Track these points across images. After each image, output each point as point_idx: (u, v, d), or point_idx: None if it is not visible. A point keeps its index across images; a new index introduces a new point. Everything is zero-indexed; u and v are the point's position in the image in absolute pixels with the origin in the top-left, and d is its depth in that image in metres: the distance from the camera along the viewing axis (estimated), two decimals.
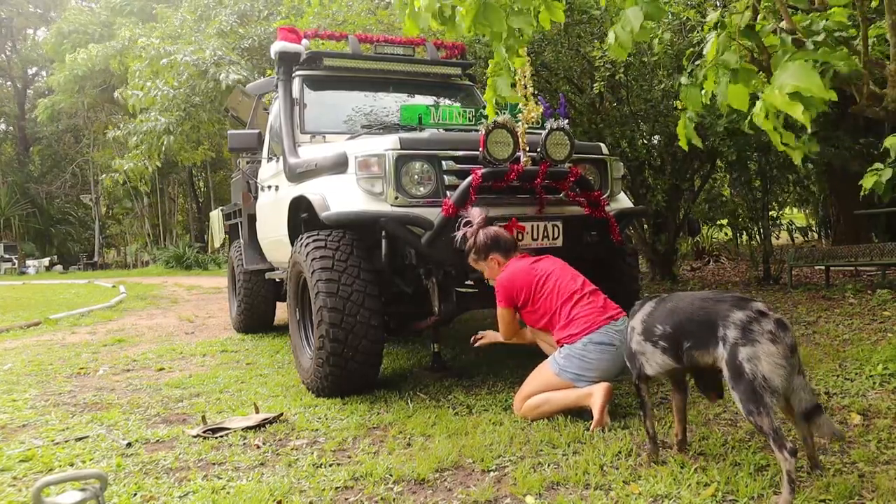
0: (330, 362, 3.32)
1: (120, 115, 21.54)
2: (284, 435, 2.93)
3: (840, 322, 4.96)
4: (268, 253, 5.45)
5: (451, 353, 4.60)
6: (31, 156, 30.16)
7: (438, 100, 5.01)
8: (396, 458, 2.55)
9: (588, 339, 2.90)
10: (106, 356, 5.23)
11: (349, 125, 4.66)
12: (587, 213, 3.59)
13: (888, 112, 2.77)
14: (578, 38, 7.01)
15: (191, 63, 11.40)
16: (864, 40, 2.70)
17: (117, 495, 2.29)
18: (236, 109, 7.76)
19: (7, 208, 26.86)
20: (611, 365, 2.90)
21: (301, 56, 4.78)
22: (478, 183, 3.25)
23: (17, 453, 2.77)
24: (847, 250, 6.96)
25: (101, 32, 22.71)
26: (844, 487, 2.06)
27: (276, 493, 2.25)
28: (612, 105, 7.87)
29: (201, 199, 27.32)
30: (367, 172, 3.43)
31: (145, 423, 3.21)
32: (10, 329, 6.99)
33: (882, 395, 3.08)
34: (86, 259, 28.16)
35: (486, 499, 2.16)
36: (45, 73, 30.70)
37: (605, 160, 3.92)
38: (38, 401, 3.77)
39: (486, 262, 3.26)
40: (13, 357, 5.25)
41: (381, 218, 3.31)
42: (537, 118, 3.44)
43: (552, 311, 3.03)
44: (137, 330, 6.86)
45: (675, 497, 2.09)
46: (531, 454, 2.52)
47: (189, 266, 20.75)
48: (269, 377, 4.18)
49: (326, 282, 3.30)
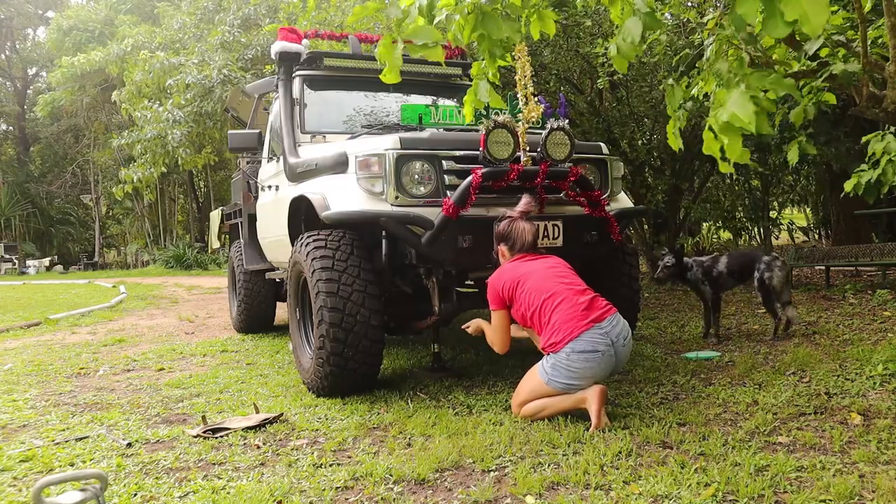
0: (330, 362, 3.31)
1: (120, 116, 21.52)
2: (284, 435, 2.93)
3: (840, 322, 4.96)
4: (268, 253, 5.45)
5: (451, 353, 4.60)
6: (32, 156, 30.16)
7: (438, 100, 5.01)
8: (396, 458, 2.55)
9: (571, 348, 2.84)
10: (106, 356, 5.23)
11: (349, 125, 4.66)
12: (587, 212, 3.59)
13: (888, 113, 2.78)
14: (577, 39, 7.01)
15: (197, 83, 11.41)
16: (863, 42, 2.70)
17: (117, 495, 2.29)
18: (236, 109, 7.77)
19: (7, 208, 26.84)
20: (599, 370, 2.86)
21: (301, 56, 4.78)
22: (478, 182, 3.25)
23: (18, 453, 2.77)
24: (847, 250, 6.96)
25: (102, 30, 22.71)
26: (845, 487, 2.06)
27: (277, 493, 2.25)
28: (612, 105, 7.87)
29: (202, 199, 27.30)
30: (368, 172, 3.43)
31: (145, 424, 3.21)
32: (11, 329, 6.99)
33: (882, 396, 3.07)
34: (86, 259, 28.14)
35: (486, 499, 2.16)
36: (44, 73, 30.71)
37: (606, 160, 3.92)
38: (39, 401, 3.77)
39: (497, 248, 3.27)
40: (13, 357, 5.25)
41: (381, 217, 3.31)
42: (537, 118, 3.44)
43: (532, 310, 2.98)
44: (137, 330, 6.86)
45: (675, 497, 2.09)
46: (531, 454, 2.52)
47: (189, 266, 20.74)
48: (270, 377, 4.18)
49: (327, 281, 3.30)
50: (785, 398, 3.10)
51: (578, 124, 7.52)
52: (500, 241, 3.24)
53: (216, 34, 13.21)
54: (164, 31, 15.50)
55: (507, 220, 3.23)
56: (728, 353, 4.20)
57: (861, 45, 2.73)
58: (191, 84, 11.32)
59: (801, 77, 3.10)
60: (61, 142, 28.92)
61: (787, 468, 2.27)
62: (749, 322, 5.30)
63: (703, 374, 3.71)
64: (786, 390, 3.23)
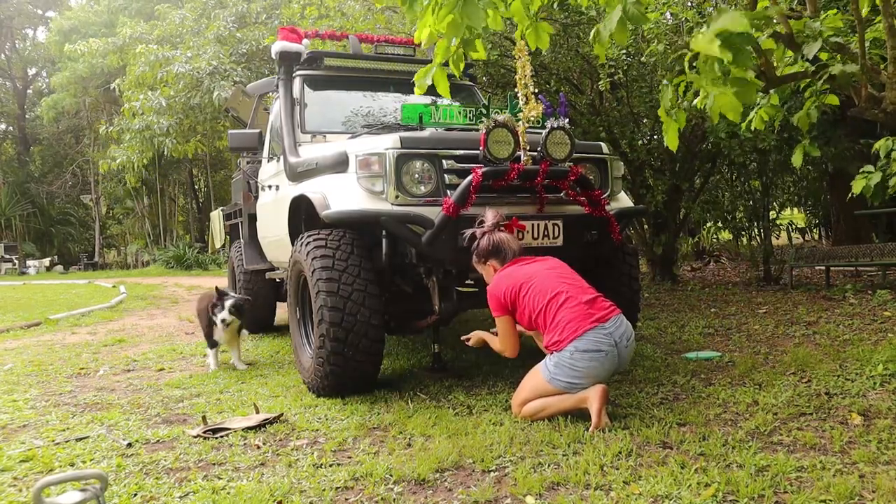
0: (330, 361, 3.31)
1: (121, 115, 21.57)
2: (285, 435, 2.93)
3: (840, 322, 4.96)
4: (268, 253, 5.45)
5: (451, 353, 4.60)
6: (32, 156, 30.15)
7: (439, 99, 5.01)
8: (396, 458, 2.55)
9: (574, 347, 2.84)
10: (106, 356, 5.23)
11: (349, 125, 4.66)
12: (587, 212, 3.58)
13: (887, 114, 2.78)
14: (577, 39, 7.01)
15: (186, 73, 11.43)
16: (860, 43, 2.71)
17: (117, 495, 2.29)
18: (237, 109, 7.76)
19: (7, 208, 26.82)
20: (601, 370, 2.86)
21: (302, 56, 4.78)
22: (478, 182, 3.24)
23: (18, 453, 2.77)
24: (847, 250, 6.96)
25: (104, 32, 22.69)
26: (845, 488, 2.06)
27: (277, 494, 2.25)
28: (612, 105, 7.87)
29: (201, 199, 27.30)
30: (368, 171, 3.43)
31: (146, 424, 3.21)
32: (11, 329, 6.99)
33: (882, 396, 3.07)
34: (86, 259, 28.12)
35: (486, 499, 2.16)
36: (45, 73, 30.69)
37: (606, 159, 3.92)
38: (39, 401, 3.77)
39: (485, 266, 3.27)
40: (13, 357, 5.25)
41: (381, 217, 3.31)
42: (538, 117, 3.44)
43: (537, 311, 2.98)
44: (138, 330, 6.86)
45: (675, 497, 2.09)
46: (531, 454, 2.52)
47: (189, 266, 20.72)
48: (270, 377, 4.17)
49: (327, 281, 3.30)
50: (785, 398, 3.10)
51: (578, 124, 7.52)
52: (490, 258, 3.23)
53: (212, 28, 13.24)
54: (163, 24, 15.51)
55: (485, 236, 3.20)
56: (728, 353, 4.20)
57: (859, 46, 2.73)
58: (181, 74, 11.33)
59: (801, 79, 3.11)
60: (62, 142, 28.92)
61: (787, 468, 2.27)
62: (749, 322, 5.30)
63: (703, 374, 3.71)
64: (786, 390, 3.23)
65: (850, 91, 2.94)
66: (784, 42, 2.84)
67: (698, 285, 7.90)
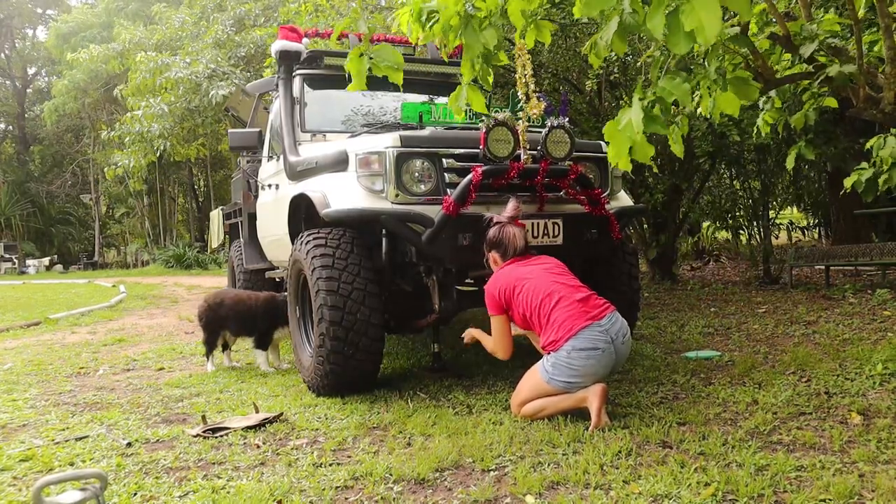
0: (330, 360, 3.31)
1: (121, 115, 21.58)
2: (284, 434, 2.93)
3: (840, 322, 4.96)
4: (268, 252, 5.45)
5: (451, 352, 4.60)
6: (32, 155, 30.15)
7: (439, 99, 5.01)
8: (396, 457, 2.55)
9: (570, 346, 2.84)
10: (106, 356, 5.23)
11: (349, 124, 4.65)
12: (587, 210, 3.58)
13: (885, 114, 2.78)
14: (576, 39, 7.01)
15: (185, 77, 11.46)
16: (858, 45, 2.71)
17: (117, 495, 2.29)
18: (237, 109, 7.77)
19: (7, 208, 26.84)
20: (599, 368, 2.86)
21: (301, 55, 4.78)
22: (478, 180, 3.24)
23: (18, 453, 2.77)
24: (847, 250, 6.96)
25: (102, 35, 22.70)
26: (844, 487, 2.06)
27: (276, 493, 2.25)
28: (611, 105, 7.87)
29: (201, 198, 27.31)
30: (368, 170, 3.43)
31: (145, 423, 3.21)
32: (11, 329, 6.99)
33: (882, 395, 3.07)
34: (86, 259, 28.15)
35: (486, 498, 2.16)
36: (44, 72, 30.70)
37: (606, 158, 3.91)
38: (39, 400, 3.77)
39: (489, 255, 3.27)
40: (13, 357, 5.25)
41: (381, 215, 3.31)
42: (539, 115, 3.44)
43: (531, 311, 2.98)
44: (137, 329, 6.86)
45: (675, 497, 2.09)
46: (531, 454, 2.52)
47: (189, 266, 20.74)
48: (269, 377, 4.17)
49: (327, 280, 3.30)
50: (785, 398, 3.10)
51: (578, 124, 7.51)
52: (492, 249, 3.23)
53: (211, 33, 13.25)
54: (163, 28, 15.50)
55: (496, 226, 3.21)
56: (728, 353, 4.20)
57: (856, 48, 2.73)
58: (180, 78, 11.36)
59: (798, 80, 3.11)
60: (62, 141, 28.93)
61: (786, 468, 2.27)
62: (749, 321, 5.30)
63: (702, 373, 3.71)
64: (786, 390, 3.23)
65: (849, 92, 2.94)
66: (781, 43, 2.84)
67: (698, 285, 7.90)
